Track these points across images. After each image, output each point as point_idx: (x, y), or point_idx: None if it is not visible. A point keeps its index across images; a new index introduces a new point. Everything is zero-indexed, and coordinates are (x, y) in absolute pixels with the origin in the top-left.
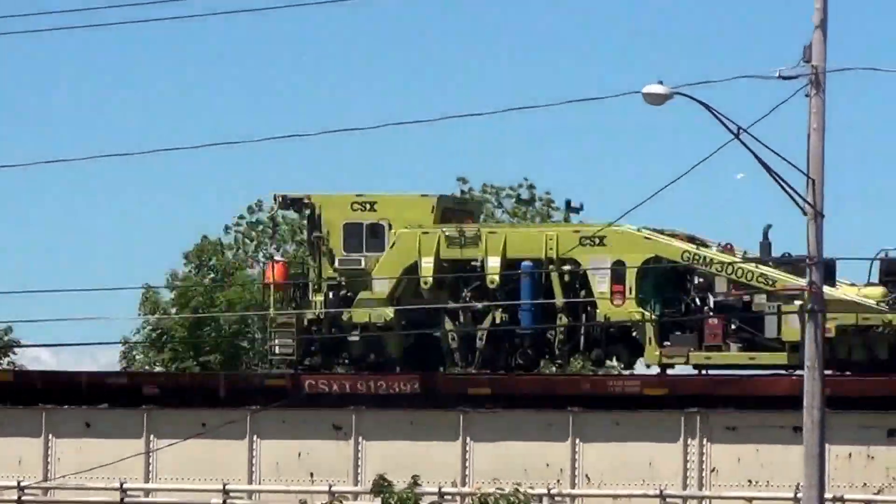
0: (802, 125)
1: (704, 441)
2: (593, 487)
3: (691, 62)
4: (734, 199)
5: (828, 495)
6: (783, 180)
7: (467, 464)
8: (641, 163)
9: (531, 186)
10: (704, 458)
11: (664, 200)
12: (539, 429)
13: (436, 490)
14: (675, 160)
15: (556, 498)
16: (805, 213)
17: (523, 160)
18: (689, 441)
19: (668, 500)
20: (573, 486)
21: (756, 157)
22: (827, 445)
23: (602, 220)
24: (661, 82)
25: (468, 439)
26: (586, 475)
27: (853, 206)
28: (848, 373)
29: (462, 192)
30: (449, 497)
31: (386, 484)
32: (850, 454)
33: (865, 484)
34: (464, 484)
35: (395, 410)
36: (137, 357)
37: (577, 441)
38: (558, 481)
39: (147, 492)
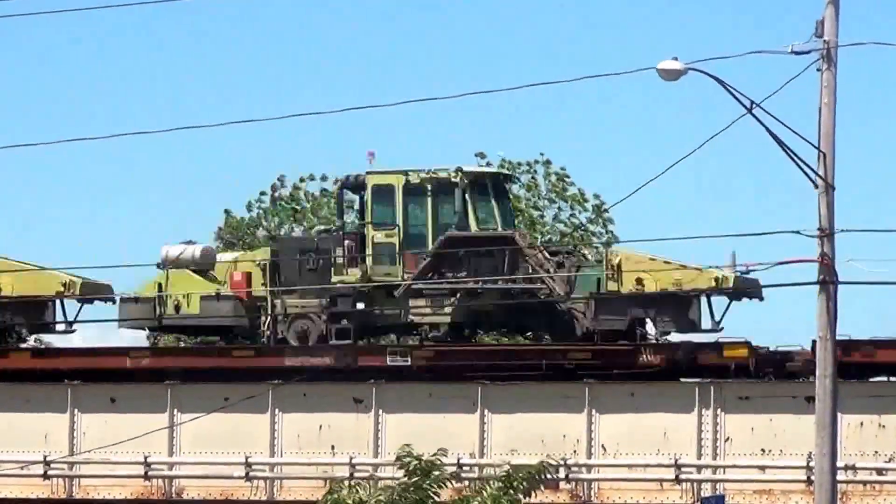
0: (814, 100)
1: (718, 411)
2: (609, 458)
3: (703, 39)
4: (747, 174)
5: (840, 464)
6: (795, 154)
7: (485, 435)
8: (655, 137)
9: (547, 162)
10: (718, 428)
11: (678, 175)
12: (555, 400)
13: (455, 462)
14: (688, 136)
15: (573, 468)
16: (816, 186)
17: (539, 136)
18: (703, 411)
19: (682, 469)
20: (589, 456)
21: (768, 131)
22: (839, 414)
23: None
24: (675, 58)
25: (486, 411)
26: (602, 446)
27: (864, 180)
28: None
29: (480, 166)
30: (467, 468)
31: (409, 454)
32: (861, 423)
33: (877, 452)
34: (482, 455)
35: (413, 383)
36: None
37: (593, 412)
38: (574, 452)
39: (171, 465)
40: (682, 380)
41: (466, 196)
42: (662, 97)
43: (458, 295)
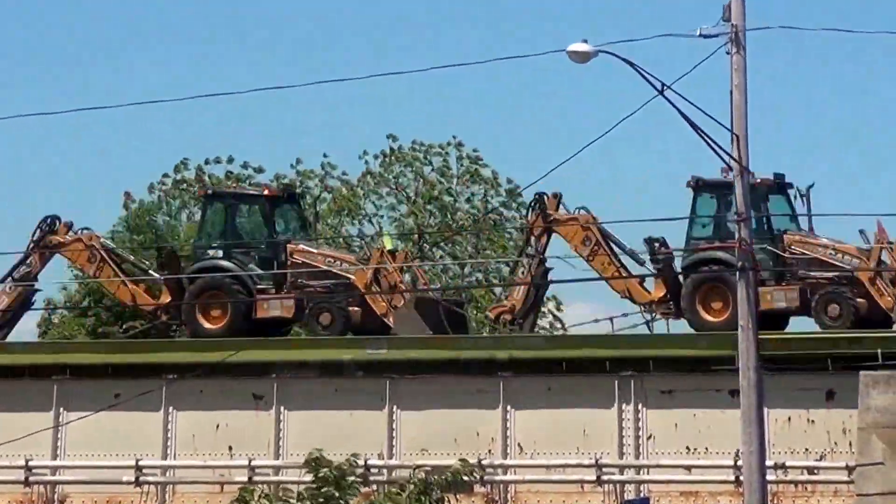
0: (727, 82)
1: (640, 406)
2: (526, 457)
3: (615, 21)
4: (659, 156)
5: (769, 462)
6: (708, 136)
7: (394, 434)
8: (567, 120)
9: (459, 145)
10: (640, 425)
11: (590, 158)
12: (468, 395)
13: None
14: (600, 118)
15: (489, 469)
16: (731, 169)
17: (452, 119)
18: (623, 406)
19: (604, 469)
20: (505, 456)
21: (681, 113)
22: (765, 409)
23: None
24: (585, 41)
25: (395, 408)
26: (518, 444)
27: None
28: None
29: (391, 149)
30: (375, 470)
31: (319, 458)
32: (789, 418)
33: (807, 449)
34: (391, 455)
35: (320, 378)
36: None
37: (509, 408)
38: (489, 451)
39: (54, 469)
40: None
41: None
42: (575, 80)
43: None
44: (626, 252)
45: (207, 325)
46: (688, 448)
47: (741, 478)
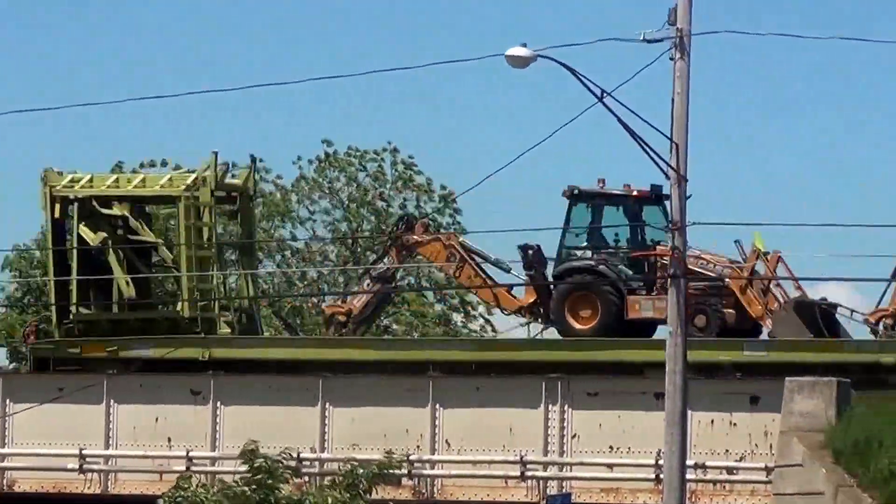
0: (669, 89)
1: (566, 407)
2: (453, 453)
3: (556, 25)
4: (599, 163)
5: (690, 462)
6: (647, 145)
7: (326, 429)
8: (505, 126)
9: (394, 150)
10: (566, 425)
11: (529, 163)
12: (399, 394)
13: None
14: (540, 124)
15: (416, 464)
16: (668, 178)
17: (387, 123)
18: (550, 407)
19: (528, 466)
20: (433, 452)
21: (620, 120)
22: (689, 412)
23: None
24: (524, 45)
25: (327, 404)
26: (447, 441)
27: (716, 170)
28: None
29: (326, 154)
30: (308, 463)
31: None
32: (712, 420)
33: (728, 451)
34: (323, 449)
35: (253, 375)
36: None
37: (438, 406)
38: (418, 447)
39: (2, 457)
40: (530, 375)
41: None
42: (514, 85)
43: None
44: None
45: (577, 326)
46: (611, 447)
47: (662, 476)
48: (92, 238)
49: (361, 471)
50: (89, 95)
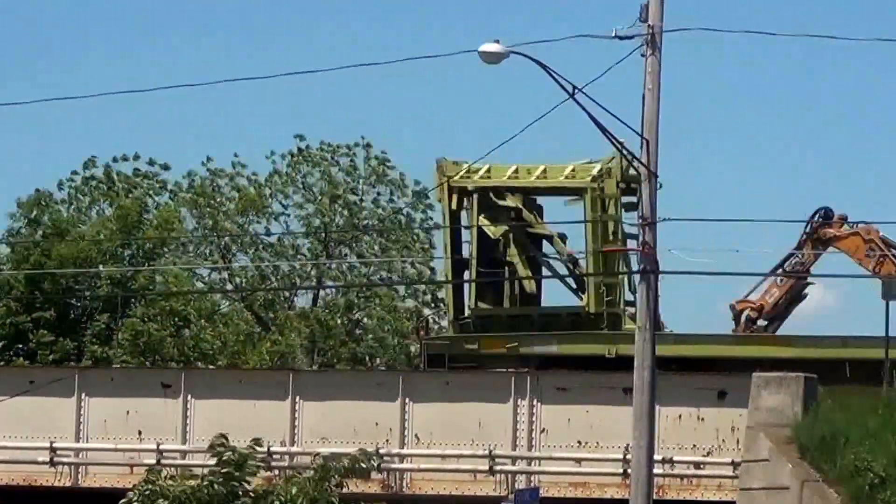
0: (640, 86)
1: (535, 402)
2: (423, 447)
3: (529, 21)
4: (571, 159)
5: (657, 457)
6: (618, 141)
7: (297, 423)
8: (478, 122)
9: (368, 145)
10: (534, 419)
11: (500, 159)
12: (369, 389)
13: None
14: (511, 120)
15: (385, 458)
16: (639, 174)
17: (360, 119)
18: (519, 402)
19: (497, 460)
20: (402, 446)
21: (591, 117)
22: (658, 407)
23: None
24: (497, 41)
25: (297, 398)
26: (416, 435)
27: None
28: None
29: (299, 149)
30: (277, 456)
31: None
32: (680, 415)
33: (695, 446)
34: (293, 443)
35: (224, 369)
36: None
37: (407, 401)
38: (387, 441)
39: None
40: (499, 370)
41: None
42: (487, 81)
43: None
44: None
45: None
46: (579, 442)
47: (629, 471)
48: (493, 231)
49: (333, 464)
50: (65, 89)
